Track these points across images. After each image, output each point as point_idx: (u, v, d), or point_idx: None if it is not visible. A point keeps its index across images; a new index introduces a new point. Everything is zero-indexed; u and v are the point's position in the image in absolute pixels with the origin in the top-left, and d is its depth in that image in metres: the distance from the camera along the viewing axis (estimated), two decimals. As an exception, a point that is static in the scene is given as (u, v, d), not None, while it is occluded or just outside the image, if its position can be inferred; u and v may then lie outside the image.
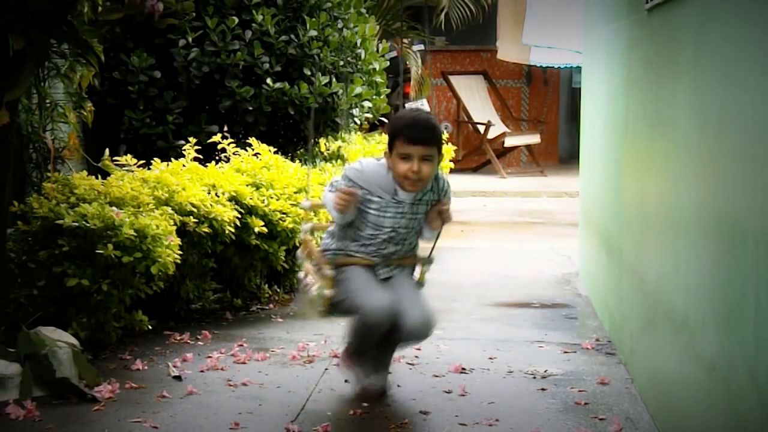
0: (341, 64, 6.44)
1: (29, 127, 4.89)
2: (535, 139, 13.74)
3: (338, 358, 4.03)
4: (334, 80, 6.26)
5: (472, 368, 4.20)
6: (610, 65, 5.02)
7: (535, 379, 4.07)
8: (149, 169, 4.95)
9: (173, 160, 5.13)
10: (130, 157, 4.98)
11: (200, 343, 4.56)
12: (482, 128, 13.15)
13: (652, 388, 3.67)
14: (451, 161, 8.88)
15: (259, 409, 3.66)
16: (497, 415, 3.59)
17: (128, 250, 4.16)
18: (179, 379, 4.00)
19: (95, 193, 4.44)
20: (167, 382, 3.96)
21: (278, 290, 5.57)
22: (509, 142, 13.30)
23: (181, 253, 4.42)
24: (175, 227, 4.46)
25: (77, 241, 4.18)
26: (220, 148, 5.62)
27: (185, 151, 5.26)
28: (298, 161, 6.01)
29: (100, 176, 4.69)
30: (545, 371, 4.16)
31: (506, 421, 3.54)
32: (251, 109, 6.06)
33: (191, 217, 4.66)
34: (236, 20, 6.00)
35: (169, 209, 4.55)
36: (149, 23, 4.15)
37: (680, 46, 3.27)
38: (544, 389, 3.92)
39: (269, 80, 6.00)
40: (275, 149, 5.75)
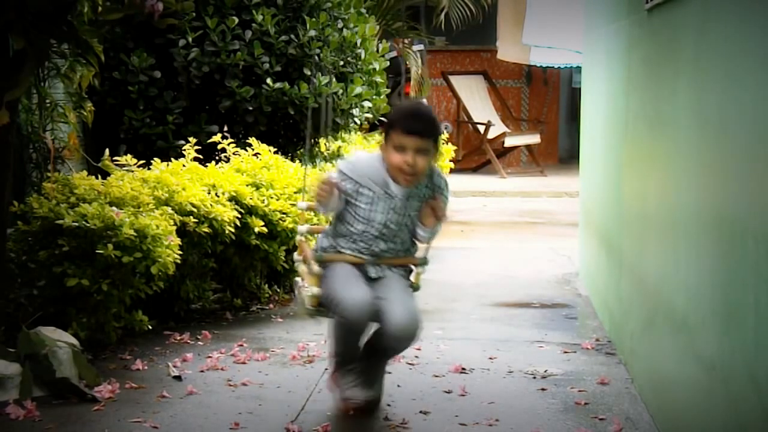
0: (341, 64, 6.44)
1: (29, 127, 4.89)
2: (535, 139, 13.74)
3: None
4: (334, 80, 6.26)
5: (472, 368, 4.20)
6: (610, 65, 5.01)
7: (535, 379, 4.07)
8: (149, 169, 4.95)
9: (173, 160, 5.14)
10: (130, 157, 4.98)
11: (200, 343, 4.56)
12: (482, 128, 13.16)
13: (652, 388, 3.67)
14: (451, 161, 8.89)
15: (259, 409, 3.66)
16: (497, 415, 3.59)
17: (128, 250, 4.16)
18: (179, 379, 4.00)
19: (95, 193, 4.44)
20: (167, 382, 3.96)
21: (278, 290, 5.57)
22: (509, 142, 13.31)
23: (181, 253, 4.42)
24: (175, 227, 4.46)
25: (77, 241, 4.18)
26: (220, 148, 5.62)
27: (185, 151, 5.26)
28: (298, 161, 6.01)
29: (100, 176, 4.69)
30: (545, 371, 4.16)
31: (506, 421, 3.54)
32: (251, 109, 6.06)
33: (191, 217, 4.66)
34: (236, 20, 6.00)
35: (169, 209, 4.55)
36: (149, 23, 4.14)
37: (680, 45, 3.26)
38: (544, 389, 3.92)
39: (269, 80, 6.00)
40: (275, 149, 5.75)
